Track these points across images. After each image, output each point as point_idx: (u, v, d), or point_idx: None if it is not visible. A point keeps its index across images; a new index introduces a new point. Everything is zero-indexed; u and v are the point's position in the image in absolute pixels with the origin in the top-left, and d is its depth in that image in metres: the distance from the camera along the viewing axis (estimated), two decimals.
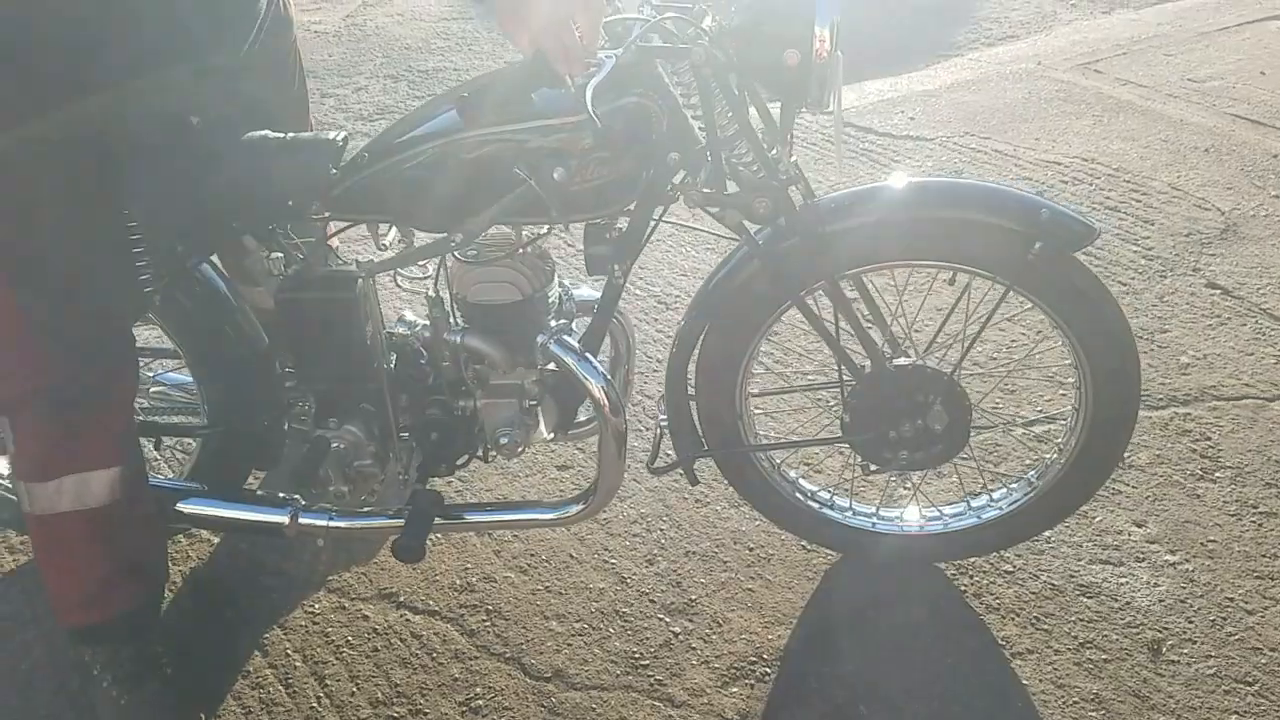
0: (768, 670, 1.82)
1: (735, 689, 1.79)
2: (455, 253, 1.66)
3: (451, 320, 1.75)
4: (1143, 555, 2.00)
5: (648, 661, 1.84)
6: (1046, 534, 2.00)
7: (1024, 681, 1.78)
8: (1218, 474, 2.18)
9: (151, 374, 2.04)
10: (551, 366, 1.75)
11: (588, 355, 1.71)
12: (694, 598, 1.96)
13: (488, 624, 1.93)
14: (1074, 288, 1.63)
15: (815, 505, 1.94)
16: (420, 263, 1.71)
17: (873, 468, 1.83)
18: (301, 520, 1.84)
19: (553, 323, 1.76)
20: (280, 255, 1.70)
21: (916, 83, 4.23)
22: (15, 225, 1.51)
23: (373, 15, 5.18)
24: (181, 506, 1.87)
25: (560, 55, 1.36)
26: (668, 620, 1.92)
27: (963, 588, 1.94)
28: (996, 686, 1.78)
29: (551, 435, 1.84)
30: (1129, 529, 2.05)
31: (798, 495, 1.94)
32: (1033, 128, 3.73)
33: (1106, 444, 1.77)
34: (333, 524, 1.84)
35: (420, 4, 5.32)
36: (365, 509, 1.86)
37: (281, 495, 1.88)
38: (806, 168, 2.30)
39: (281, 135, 1.64)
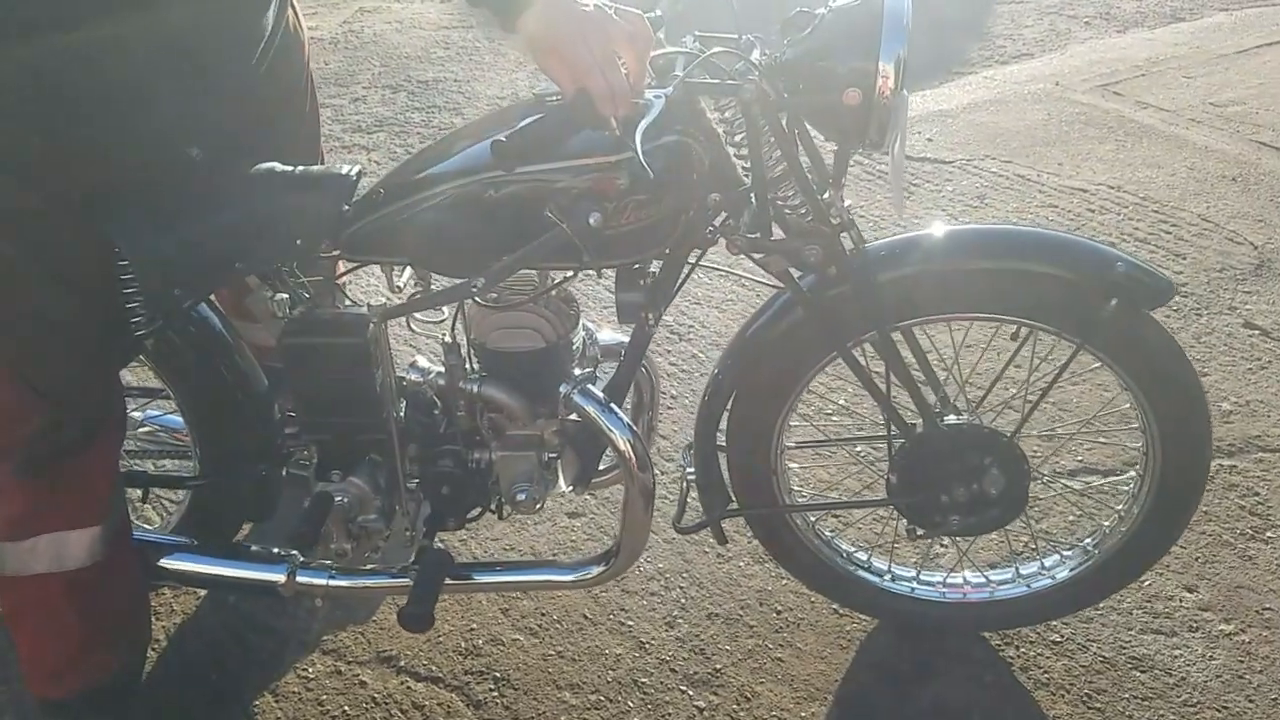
0: None
1: None
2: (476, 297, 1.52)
3: (468, 367, 1.61)
4: (1196, 624, 1.87)
5: None
6: None
7: None
8: (1269, 533, 2.06)
9: (141, 414, 1.89)
10: (573, 417, 1.61)
11: (613, 407, 1.58)
12: (719, 667, 1.82)
13: (495, 694, 1.79)
14: (1149, 348, 1.51)
15: (852, 567, 1.81)
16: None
17: (919, 532, 1.69)
18: (299, 578, 1.70)
19: (576, 371, 1.62)
20: (285, 296, 1.56)
21: (932, 101, 4.12)
22: None
23: (370, 22, 5.03)
24: (167, 562, 1.72)
25: (606, 96, 1.22)
26: (691, 693, 1.78)
27: (1009, 659, 1.81)
28: None
29: (571, 488, 1.71)
30: (1180, 594, 1.93)
31: (833, 556, 1.80)
32: (1055, 152, 3.62)
33: (1172, 513, 1.64)
34: (333, 583, 1.70)
35: (419, 10, 5.18)
36: (368, 566, 1.72)
37: (277, 551, 1.74)
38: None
39: (290, 169, 1.50)
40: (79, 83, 1.26)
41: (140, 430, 1.89)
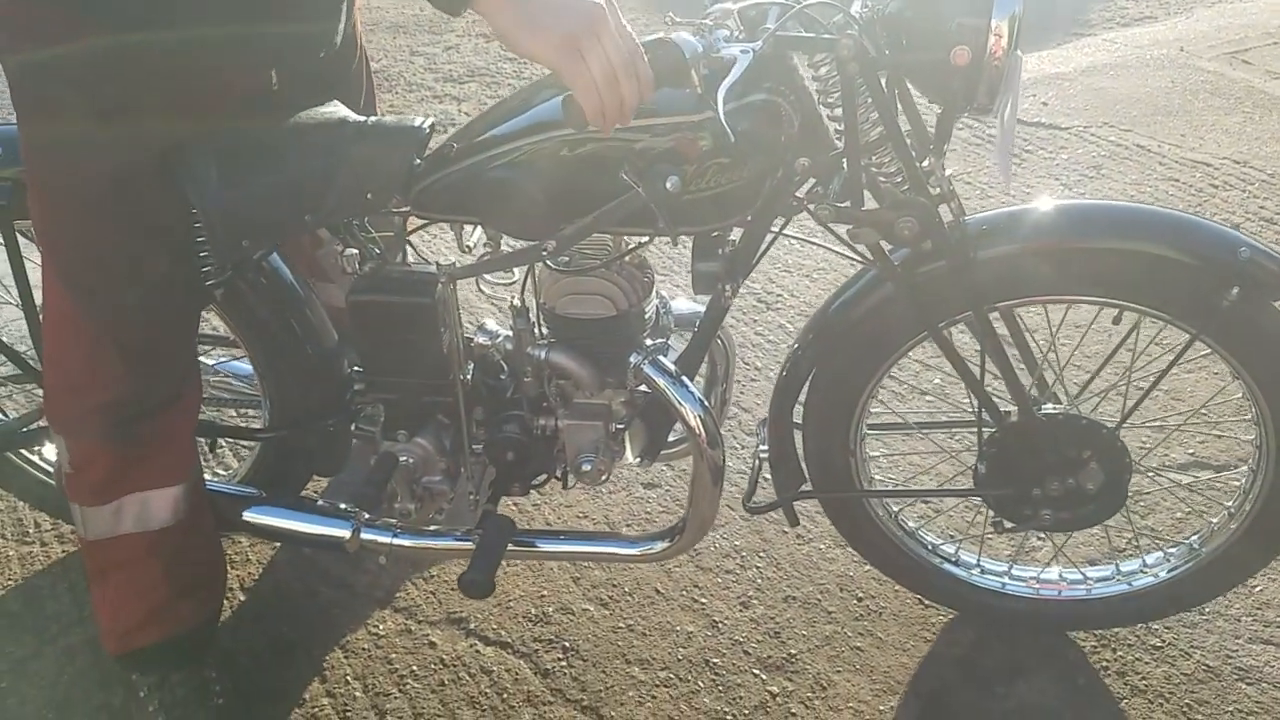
0: None
1: None
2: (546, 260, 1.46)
3: (537, 332, 1.56)
4: None
5: None
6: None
7: None
8: None
9: (213, 361, 1.88)
10: (643, 388, 1.55)
11: (685, 380, 1.51)
12: (794, 652, 1.75)
13: (564, 663, 1.75)
14: (1270, 340, 1.37)
15: (937, 559, 1.72)
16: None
17: (1008, 525, 1.59)
18: (364, 536, 1.67)
19: (648, 341, 1.55)
20: (354, 252, 1.52)
21: (1049, 63, 3.91)
22: (68, 224, 1.34)
23: None
24: (234, 514, 1.71)
25: (595, 110, 1.14)
26: (764, 677, 1.71)
27: (1104, 663, 1.70)
28: None
29: (638, 460, 1.65)
30: None
31: (917, 547, 1.71)
32: (1178, 122, 3.40)
33: None
34: (396, 542, 1.67)
35: None
36: (433, 527, 1.69)
37: (344, 507, 1.72)
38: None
39: (362, 120, 1.46)
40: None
41: (214, 380, 1.89)
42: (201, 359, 1.80)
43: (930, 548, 1.71)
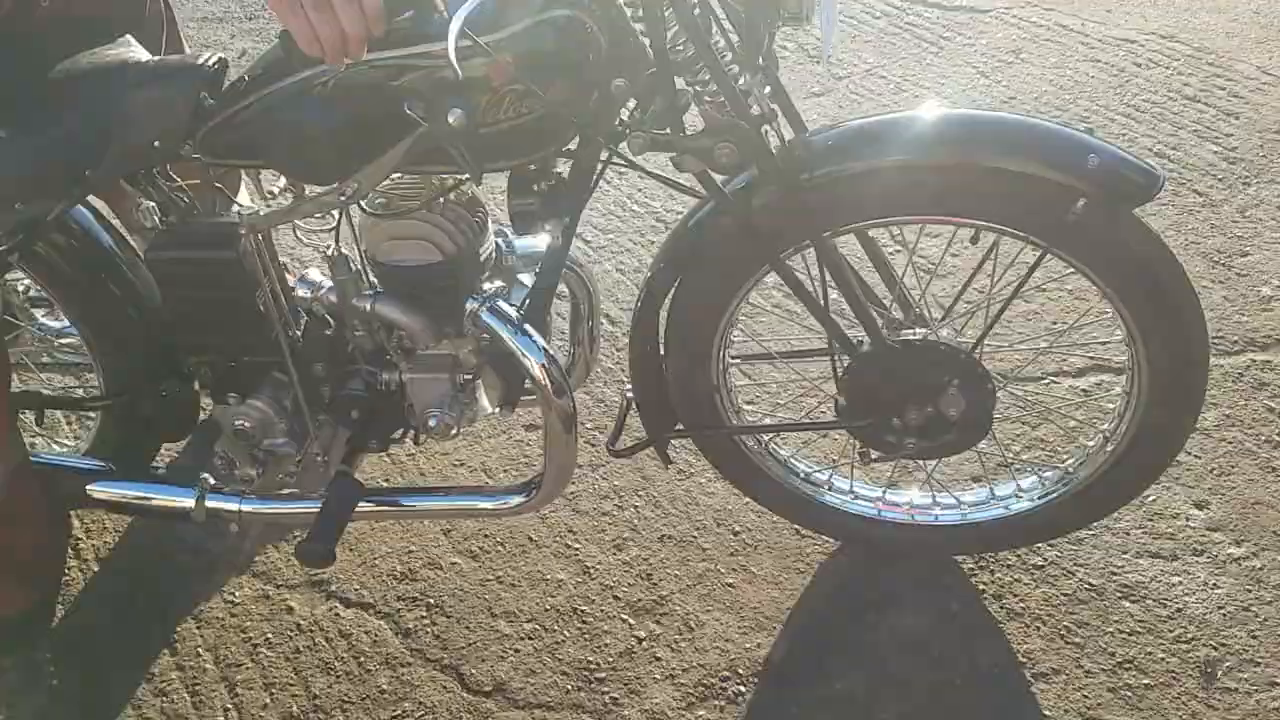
0: (741, 689, 1.55)
1: (702, 712, 1.53)
2: (359, 203, 1.35)
3: (363, 282, 1.45)
4: (1201, 547, 1.68)
5: (604, 674, 1.59)
6: None
7: (1046, 712, 1.49)
8: None
9: (34, 328, 1.76)
10: (486, 336, 1.45)
11: (526, 326, 1.41)
12: (665, 594, 1.69)
13: (426, 621, 1.68)
14: (1128, 251, 1.28)
15: (810, 488, 1.65)
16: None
17: (874, 455, 1.52)
18: (209, 504, 1.59)
19: (486, 285, 1.45)
20: (153, 204, 1.40)
21: None
22: None
23: None
24: (74, 487, 1.62)
25: (307, 39, 1.02)
26: (632, 622, 1.65)
27: (981, 586, 1.65)
28: (1010, 717, 1.50)
29: (497, 410, 1.56)
30: (1187, 511, 1.73)
31: (790, 476, 1.64)
32: None
33: (1163, 436, 1.43)
34: (245, 508, 1.59)
35: None
36: (285, 492, 1.60)
37: (189, 474, 1.63)
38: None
39: (141, 59, 1.33)
40: None
41: (37, 345, 1.77)
42: (26, 324, 1.70)
43: (803, 476, 1.64)
